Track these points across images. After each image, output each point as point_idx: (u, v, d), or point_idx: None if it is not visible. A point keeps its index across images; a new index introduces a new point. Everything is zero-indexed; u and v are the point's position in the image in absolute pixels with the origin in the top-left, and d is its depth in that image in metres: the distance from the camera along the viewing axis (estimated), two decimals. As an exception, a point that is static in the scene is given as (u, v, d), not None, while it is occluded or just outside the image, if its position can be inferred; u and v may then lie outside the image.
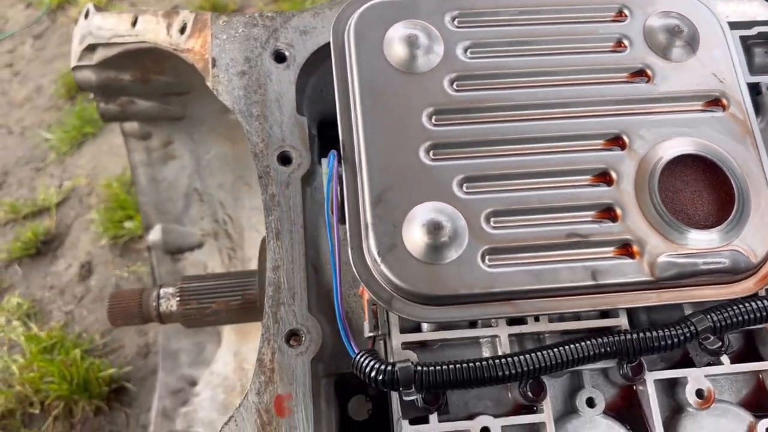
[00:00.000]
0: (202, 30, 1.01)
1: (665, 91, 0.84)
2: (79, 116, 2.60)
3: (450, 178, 0.78)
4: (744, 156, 0.81)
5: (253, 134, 0.94)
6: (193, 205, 1.65)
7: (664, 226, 0.77)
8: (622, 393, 0.81)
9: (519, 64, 0.84)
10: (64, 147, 2.55)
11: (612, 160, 0.80)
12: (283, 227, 0.90)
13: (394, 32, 0.83)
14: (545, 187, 0.79)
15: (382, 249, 0.74)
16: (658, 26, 0.86)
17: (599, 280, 0.75)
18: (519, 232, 0.77)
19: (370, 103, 0.80)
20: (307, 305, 0.87)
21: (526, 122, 0.82)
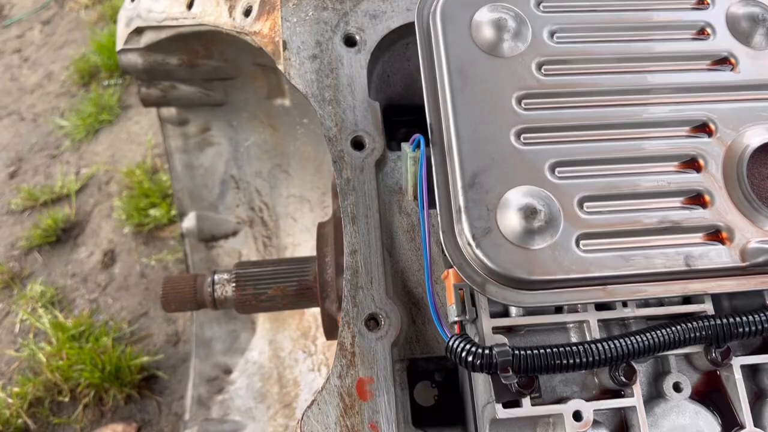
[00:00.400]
0: (271, 12, 1.00)
1: (748, 79, 0.84)
2: (95, 103, 2.57)
3: (542, 162, 0.78)
4: (829, 144, 0.81)
5: (326, 118, 0.93)
6: (228, 193, 1.64)
7: (753, 213, 0.77)
8: (705, 378, 0.82)
9: (604, 50, 0.84)
10: (79, 134, 2.52)
11: (699, 146, 0.80)
12: (359, 212, 0.90)
13: (482, 16, 0.82)
14: (635, 173, 0.79)
15: (477, 233, 0.74)
16: (741, 14, 0.86)
17: (692, 265, 0.76)
18: (612, 218, 0.77)
19: (459, 86, 0.80)
20: (384, 289, 0.87)
21: (613, 107, 0.82)
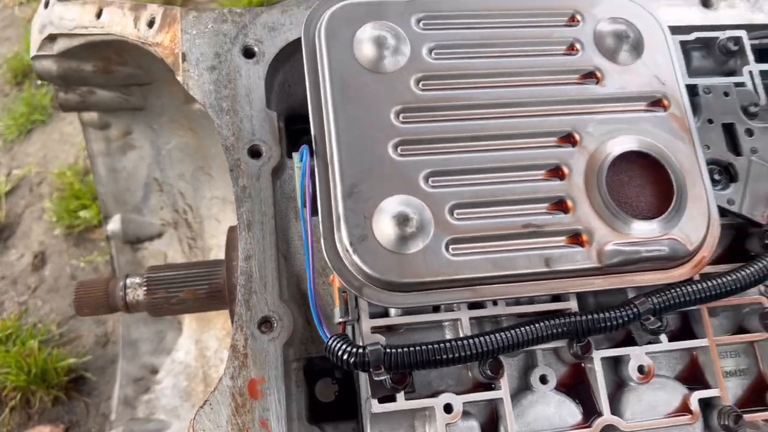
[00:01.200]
0: (172, 25, 1.03)
1: (613, 92, 0.91)
2: (27, 103, 2.54)
3: (417, 172, 0.83)
4: (682, 152, 0.89)
5: (223, 128, 0.97)
6: (152, 195, 1.65)
7: (611, 217, 0.84)
8: (571, 370, 0.89)
9: (480, 65, 0.89)
10: (11, 134, 2.49)
11: (564, 156, 0.87)
12: (254, 218, 0.94)
13: (364, 33, 0.87)
14: (504, 181, 0.85)
15: (354, 240, 0.79)
16: (607, 31, 0.92)
17: (552, 266, 0.82)
18: (480, 223, 0.82)
19: (341, 100, 0.85)
20: (278, 293, 0.91)
21: (486, 120, 0.87)
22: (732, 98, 0.98)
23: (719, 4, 1.15)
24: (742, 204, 0.93)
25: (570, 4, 0.94)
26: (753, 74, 1.02)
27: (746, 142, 0.95)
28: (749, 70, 1.02)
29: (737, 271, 0.86)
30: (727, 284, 0.84)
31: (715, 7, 1.14)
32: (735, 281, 0.85)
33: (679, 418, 0.85)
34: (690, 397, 0.86)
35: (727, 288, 0.84)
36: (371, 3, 0.90)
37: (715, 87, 0.98)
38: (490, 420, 0.85)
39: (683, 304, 0.84)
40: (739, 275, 0.85)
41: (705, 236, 0.86)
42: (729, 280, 0.85)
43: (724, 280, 0.85)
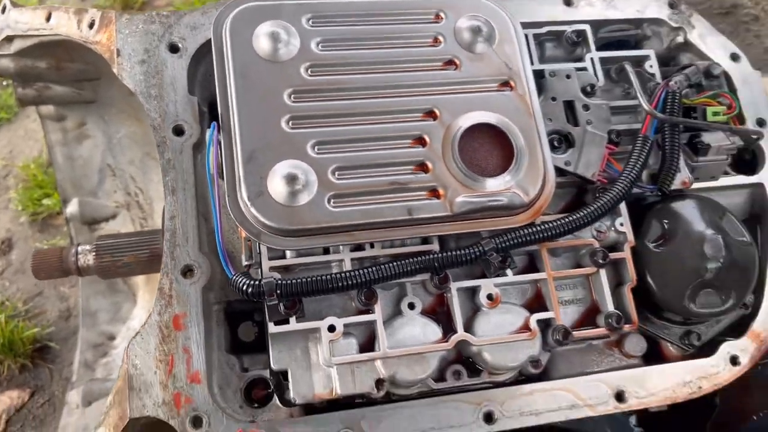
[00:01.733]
0: (108, 26, 1.22)
1: (469, 76, 1.11)
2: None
3: (305, 142, 1.03)
4: (524, 124, 1.10)
5: (152, 111, 1.16)
6: (106, 180, 1.83)
7: (462, 176, 1.05)
8: (437, 300, 1.09)
9: (359, 55, 1.10)
10: (-22, 132, 2.64)
11: (426, 128, 1.07)
12: (177, 185, 1.13)
13: (261, 29, 1.07)
14: (377, 148, 1.05)
15: (251, 195, 0.99)
16: (465, 26, 1.13)
17: (414, 215, 1.02)
18: (356, 182, 1.03)
19: (242, 84, 1.04)
20: (198, 246, 1.11)
21: (363, 100, 1.07)
22: (573, 80, 1.19)
23: (579, 3, 1.36)
24: (578, 165, 1.14)
25: (435, 4, 1.15)
26: (594, 60, 1.24)
27: (583, 115, 1.17)
28: (590, 57, 1.24)
29: (566, 216, 1.07)
30: (555, 227, 1.06)
31: (576, 6, 1.36)
32: (563, 225, 1.06)
33: (521, 335, 1.06)
34: (530, 319, 1.07)
35: (556, 230, 1.06)
36: (268, 5, 1.09)
37: (558, 71, 1.19)
38: (368, 339, 1.05)
39: (522, 244, 1.05)
40: (566, 220, 1.06)
41: (541, 190, 1.07)
42: (558, 224, 1.06)
43: (553, 223, 1.06)
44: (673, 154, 1.15)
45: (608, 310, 1.10)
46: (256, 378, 1.13)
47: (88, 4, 3.02)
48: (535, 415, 1.10)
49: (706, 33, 1.41)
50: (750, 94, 1.36)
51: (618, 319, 1.09)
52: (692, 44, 1.39)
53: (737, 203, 1.31)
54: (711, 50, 1.39)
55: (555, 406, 1.11)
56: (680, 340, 1.20)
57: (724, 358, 1.19)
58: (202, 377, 1.05)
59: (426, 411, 1.07)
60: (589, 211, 1.07)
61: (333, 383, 1.02)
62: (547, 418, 1.11)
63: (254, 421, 1.07)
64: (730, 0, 2.12)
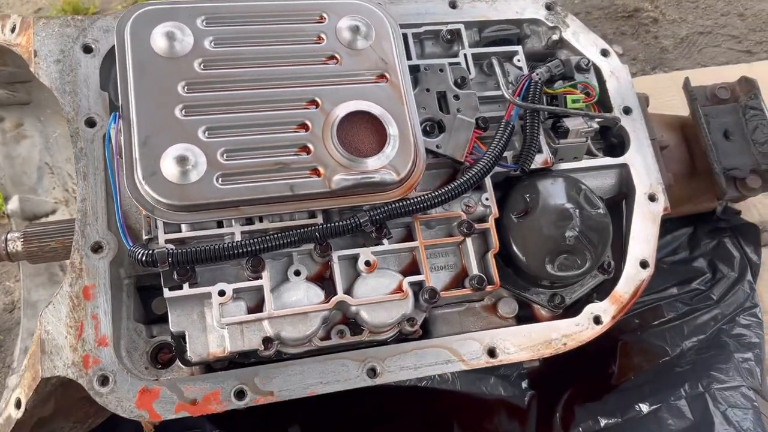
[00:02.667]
0: (27, 29, 1.34)
1: (348, 70, 1.25)
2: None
3: (196, 128, 1.16)
4: (397, 111, 1.24)
5: (66, 105, 1.28)
6: (45, 178, 1.94)
7: (340, 157, 1.18)
8: (322, 268, 1.23)
9: (248, 52, 1.23)
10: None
11: (309, 115, 1.21)
12: (89, 171, 1.25)
13: (158, 30, 1.20)
14: (264, 133, 1.18)
15: (146, 175, 1.11)
16: (345, 26, 1.27)
17: (296, 191, 1.15)
18: (243, 162, 1.16)
19: (140, 77, 1.17)
20: (107, 225, 1.23)
21: (252, 90, 1.21)
22: (445, 73, 1.34)
23: (464, 6, 1.52)
24: (447, 148, 1.28)
25: (319, 6, 1.29)
26: (467, 56, 1.39)
27: (453, 104, 1.31)
28: (464, 53, 1.39)
29: (433, 191, 1.21)
30: (422, 200, 1.20)
31: (460, 8, 1.51)
32: (429, 198, 1.20)
33: (395, 295, 1.20)
34: (403, 281, 1.21)
35: (423, 204, 1.20)
36: (165, 8, 1.22)
37: (432, 66, 1.34)
38: (257, 304, 1.18)
39: (393, 216, 1.19)
40: (432, 194, 1.21)
41: (411, 169, 1.21)
42: (424, 197, 1.20)
43: (420, 197, 1.20)
44: (533, 136, 1.30)
45: (473, 273, 1.24)
46: (162, 343, 1.25)
47: (31, 8, 3.12)
48: (414, 369, 1.24)
49: (579, 31, 1.57)
50: (617, 85, 1.52)
51: (480, 280, 1.23)
52: (567, 41, 1.55)
53: (608, 183, 1.47)
54: (584, 47, 1.55)
55: (432, 362, 1.25)
56: (548, 303, 1.35)
57: (588, 318, 1.33)
58: (109, 341, 1.17)
59: (314, 367, 1.20)
60: (453, 186, 1.22)
61: (224, 342, 1.15)
62: (424, 371, 1.24)
63: (157, 380, 1.19)
64: (633, 4, 2.29)
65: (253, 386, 1.17)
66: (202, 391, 1.16)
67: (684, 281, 1.74)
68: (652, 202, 1.44)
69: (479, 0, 1.53)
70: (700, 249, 1.76)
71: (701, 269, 1.75)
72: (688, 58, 2.17)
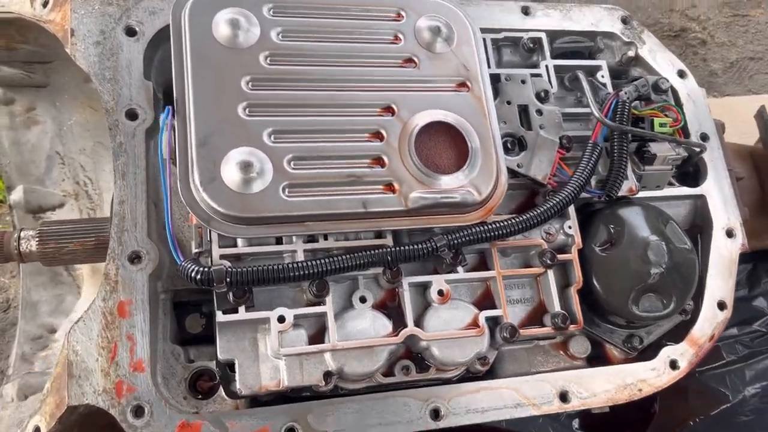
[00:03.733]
0: (63, 5, 1.19)
1: (427, 75, 1.13)
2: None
3: (262, 129, 1.02)
4: (479, 124, 1.11)
5: (105, 93, 1.14)
6: (54, 168, 1.78)
7: (417, 172, 1.06)
8: (388, 294, 1.10)
9: (319, 48, 1.10)
10: None
11: (384, 123, 1.08)
12: (128, 170, 1.11)
13: (221, 16, 1.06)
14: (335, 140, 1.05)
15: (204, 180, 0.97)
16: (425, 26, 1.15)
17: (369, 208, 1.03)
18: (312, 173, 1.02)
19: (199, 69, 1.03)
20: (147, 232, 1.08)
21: (322, 92, 1.08)
22: (527, 85, 1.22)
23: (537, 13, 1.40)
24: (530, 168, 1.16)
25: (397, 2, 1.16)
26: (548, 68, 1.27)
27: (536, 120, 1.19)
28: (546, 64, 1.27)
29: (516, 216, 1.09)
30: (506, 226, 1.08)
31: (533, 15, 1.39)
32: (513, 224, 1.08)
33: (469, 331, 1.07)
34: (479, 316, 1.08)
35: (506, 229, 1.07)
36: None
37: (514, 76, 1.22)
38: (318, 331, 1.04)
39: (473, 241, 1.07)
40: (517, 219, 1.08)
41: (493, 189, 1.09)
42: (508, 223, 1.08)
43: (504, 223, 1.08)
44: (621, 161, 1.19)
45: (555, 310, 1.13)
46: (202, 369, 1.11)
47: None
48: (480, 412, 1.11)
49: (656, 49, 1.46)
50: (694, 109, 1.42)
51: (564, 319, 1.11)
52: (642, 59, 1.44)
53: (681, 213, 1.36)
54: (660, 66, 1.44)
55: (501, 405, 1.12)
56: (623, 344, 1.23)
57: (664, 362, 1.22)
58: (146, 366, 1.02)
59: (373, 406, 1.07)
60: (539, 212, 1.10)
61: (281, 374, 1.01)
62: (492, 416, 1.12)
63: (198, 413, 1.05)
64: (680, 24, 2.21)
65: (305, 424, 1.04)
66: (249, 428, 1.02)
67: (743, 321, 1.64)
68: (729, 238, 1.34)
69: (553, 8, 1.42)
70: (760, 287, 1.67)
71: (761, 309, 1.66)
72: (738, 83, 2.09)
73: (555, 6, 1.42)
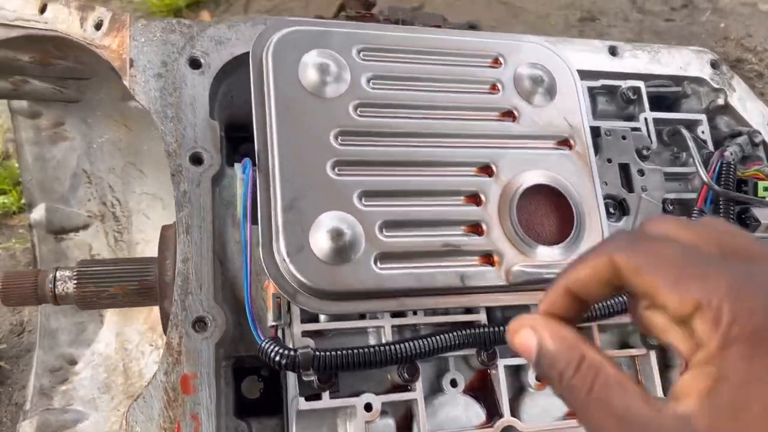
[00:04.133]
0: (120, 30, 1.06)
1: (527, 130, 1.02)
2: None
3: (351, 191, 0.91)
4: (583, 187, 1.01)
5: (167, 134, 1.02)
6: (80, 187, 1.65)
7: (519, 242, 0.95)
8: (479, 376, 0.99)
9: (412, 97, 0.99)
10: None
11: (481, 185, 0.97)
12: (193, 222, 0.99)
13: (309, 58, 0.94)
14: (428, 204, 0.94)
15: (291, 250, 0.86)
16: (525, 75, 1.04)
17: (466, 283, 0.92)
18: (405, 241, 0.91)
19: (285, 120, 0.92)
20: (213, 295, 0.97)
21: (415, 148, 0.96)
22: (629, 141, 1.11)
23: (624, 54, 1.29)
24: (631, 234, 1.06)
25: (494, 47, 1.05)
26: (648, 121, 1.16)
27: (638, 180, 1.09)
28: (645, 117, 1.17)
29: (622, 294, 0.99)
30: (612, 306, 0.97)
31: (621, 56, 1.28)
32: (620, 303, 0.98)
33: (570, 421, 0.97)
34: (577, 402, 0.98)
35: (613, 309, 0.97)
36: (317, 31, 0.97)
37: (615, 130, 1.12)
38: (405, 418, 0.94)
39: (576, 321, 0.96)
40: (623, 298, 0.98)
41: (598, 262, 0.98)
42: (615, 302, 0.97)
43: (611, 302, 0.97)
44: (729, 230, 1.09)
45: (656, 395, 1.03)
46: (268, 449, 1.00)
47: None
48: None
49: (746, 97, 1.36)
50: (788, 166, 1.32)
51: (668, 407, 1.01)
52: (732, 108, 1.34)
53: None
54: (750, 116, 1.34)
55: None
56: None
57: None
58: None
59: (460, 497, 0.97)
60: (647, 289, 0.99)
61: (363, 466, 0.90)
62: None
63: (266, 503, 0.94)
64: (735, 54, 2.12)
65: None
66: None
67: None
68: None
69: (641, 49, 1.31)
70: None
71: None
72: (797, 121, 2.00)
73: (642, 47, 1.32)
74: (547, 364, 0.50)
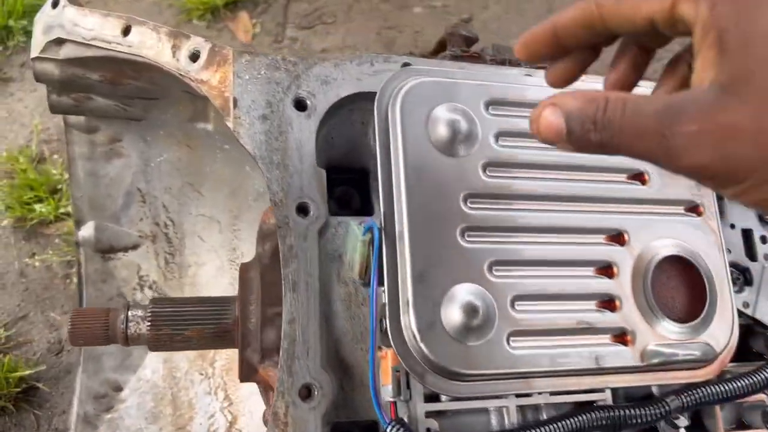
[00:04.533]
0: (222, 65, 0.98)
1: (656, 194, 0.96)
2: (-31, 72, 2.33)
3: (482, 260, 0.84)
4: (713, 257, 0.95)
5: (273, 182, 0.94)
6: (133, 205, 1.57)
7: (653, 318, 0.89)
8: (599, 457, 0.93)
9: (541, 157, 0.92)
10: (-52, 105, 2.27)
11: (613, 254, 0.91)
12: (299, 279, 0.92)
13: (438, 114, 0.87)
14: (559, 275, 0.88)
15: (422, 326, 0.79)
16: (655, 134, 0.97)
17: (601, 364, 0.86)
18: (538, 317, 0.85)
19: (414, 180, 0.84)
20: (320, 359, 0.90)
21: (545, 213, 0.90)
22: (751, 205, 1.05)
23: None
24: (756, 307, 1.00)
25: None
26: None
27: (761, 248, 1.03)
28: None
29: (756, 374, 0.93)
30: (746, 386, 0.92)
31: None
32: (754, 384, 0.92)
33: (691, 505, 0.92)
34: (702, 489, 0.93)
35: (747, 389, 0.92)
36: (446, 82, 0.90)
37: (738, 193, 1.05)
38: (524, 504, 0.88)
39: (707, 403, 0.91)
40: (758, 378, 0.93)
41: (729, 340, 0.93)
42: (749, 383, 0.92)
43: (745, 382, 0.92)
44: None
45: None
46: None
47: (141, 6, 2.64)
48: None
49: None
50: None
51: (793, 495, 0.96)
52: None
53: None
54: None
55: None
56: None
57: None
58: None
59: None
60: (782, 370, 0.94)
61: None
62: None
63: None
64: None
65: None
66: None
67: None
68: None
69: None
70: None
71: None
72: None
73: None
74: (579, 121, 0.52)
